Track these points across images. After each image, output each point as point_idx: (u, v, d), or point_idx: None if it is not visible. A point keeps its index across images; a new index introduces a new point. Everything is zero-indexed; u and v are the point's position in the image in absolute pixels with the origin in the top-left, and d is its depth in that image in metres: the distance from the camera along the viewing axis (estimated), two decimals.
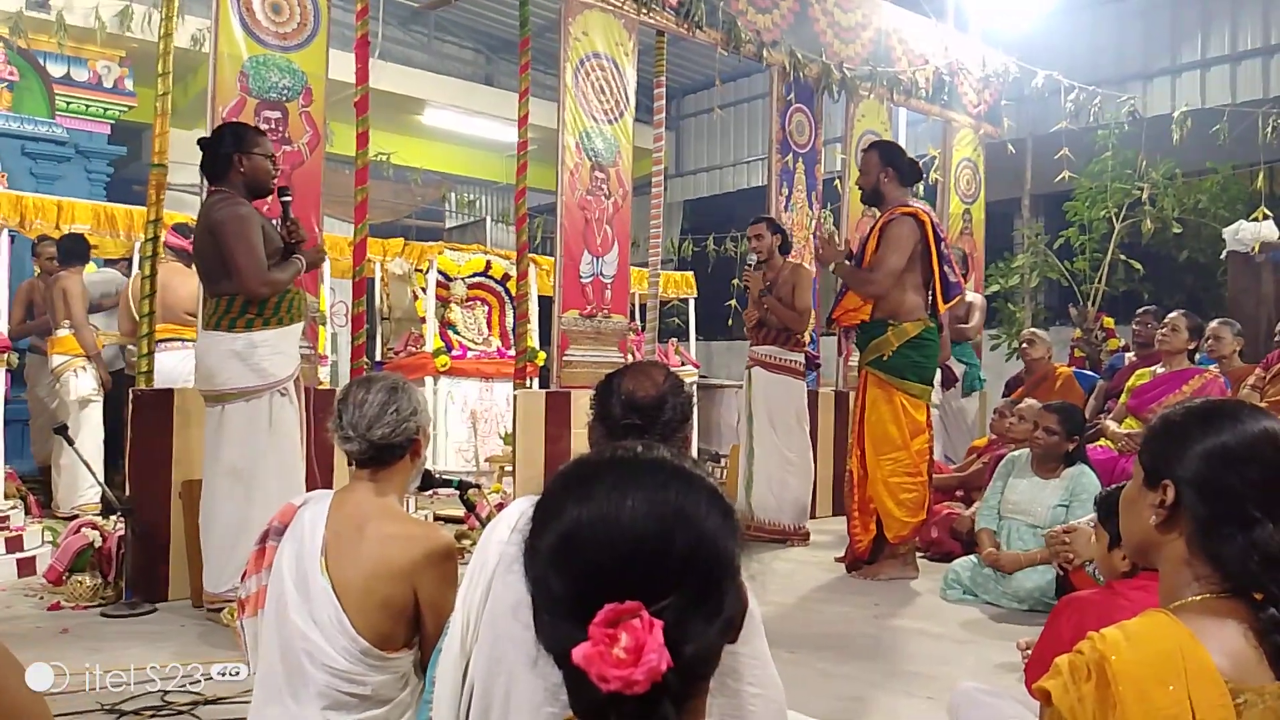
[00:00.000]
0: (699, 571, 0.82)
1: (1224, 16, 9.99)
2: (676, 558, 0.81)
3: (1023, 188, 9.48)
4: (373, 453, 2.08)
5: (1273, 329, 6.03)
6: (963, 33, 8.38)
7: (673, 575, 0.81)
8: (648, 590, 0.79)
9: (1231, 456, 1.29)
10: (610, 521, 0.82)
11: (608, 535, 0.82)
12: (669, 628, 0.77)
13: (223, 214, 3.64)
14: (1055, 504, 4.32)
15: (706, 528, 0.83)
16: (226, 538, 3.65)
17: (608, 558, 0.81)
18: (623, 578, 0.80)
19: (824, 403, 6.81)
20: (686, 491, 0.85)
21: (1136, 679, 1.17)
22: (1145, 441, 1.38)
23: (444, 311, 8.05)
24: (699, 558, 0.82)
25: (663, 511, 0.83)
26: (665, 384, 1.91)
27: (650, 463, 0.89)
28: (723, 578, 0.83)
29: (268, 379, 3.71)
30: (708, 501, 0.85)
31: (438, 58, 12.56)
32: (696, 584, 0.81)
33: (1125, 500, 1.40)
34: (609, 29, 5.80)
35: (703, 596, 0.81)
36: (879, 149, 4.98)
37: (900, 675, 3.39)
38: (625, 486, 0.84)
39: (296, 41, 4.65)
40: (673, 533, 0.82)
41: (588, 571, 0.81)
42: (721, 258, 12.19)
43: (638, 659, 0.75)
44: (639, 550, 0.81)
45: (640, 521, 0.82)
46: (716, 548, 0.83)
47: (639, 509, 0.82)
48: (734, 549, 0.86)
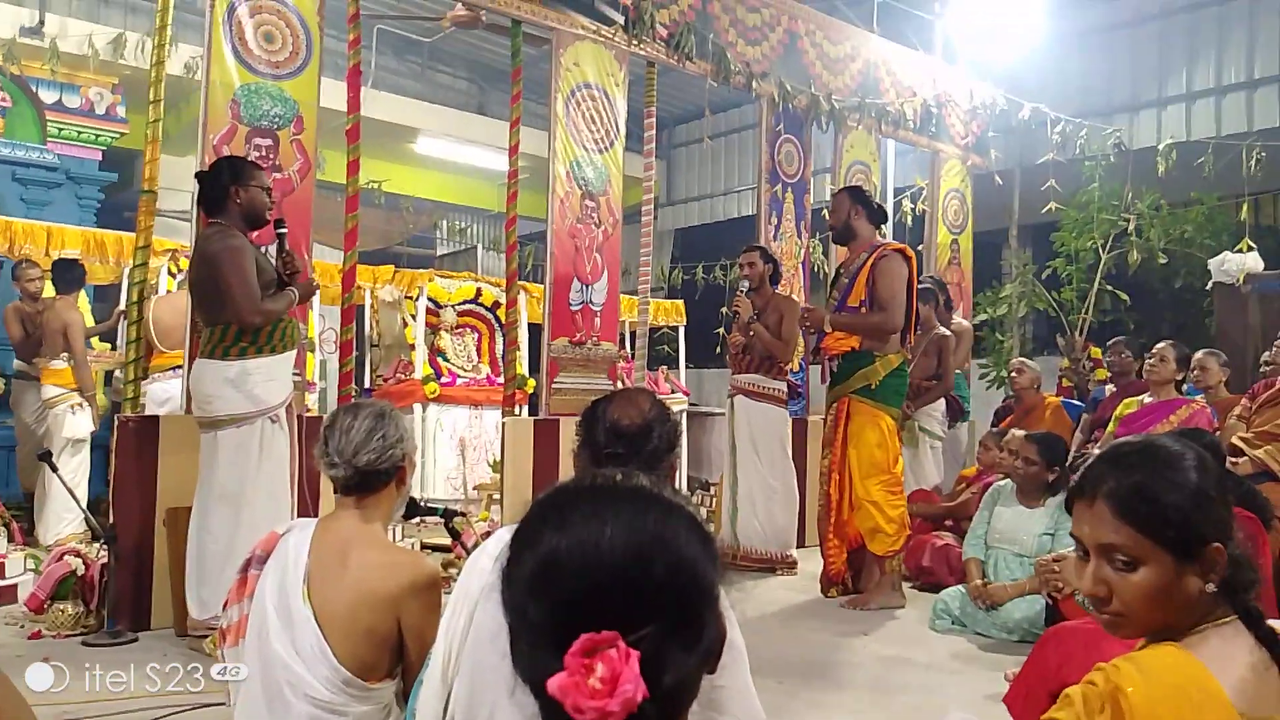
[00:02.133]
0: (678, 600, 0.81)
1: (1209, 50, 10.12)
2: (654, 587, 0.80)
3: (1010, 218, 9.55)
4: (358, 479, 2.08)
5: (1259, 359, 6.07)
6: (950, 65, 8.48)
7: (651, 604, 0.79)
8: (625, 619, 0.78)
9: (1213, 492, 1.30)
10: (588, 549, 0.81)
11: (584, 563, 0.81)
12: (646, 658, 0.77)
13: (218, 246, 3.71)
14: (1041, 533, 4.34)
15: (685, 555, 0.82)
16: (215, 563, 3.66)
17: (584, 586, 0.80)
18: (600, 607, 0.79)
19: (813, 431, 6.81)
20: (665, 519, 0.84)
21: (1153, 713, 1.16)
22: (1166, 524, 1.27)
23: (434, 338, 8.05)
24: (677, 586, 0.81)
25: (641, 539, 0.82)
26: (651, 412, 1.91)
27: (628, 491, 0.88)
28: (702, 607, 0.83)
29: (260, 405, 3.74)
30: (686, 529, 0.84)
31: (431, 87, 12.63)
32: (675, 613, 0.80)
33: (1153, 592, 1.27)
34: (600, 60, 5.85)
35: (681, 626, 0.80)
36: (849, 191, 5.26)
37: (888, 706, 3.37)
38: (603, 514, 0.83)
39: (289, 70, 4.68)
40: (651, 561, 0.81)
41: (564, 600, 0.80)
42: (711, 286, 12.22)
43: (613, 689, 0.74)
44: (616, 579, 0.80)
45: (618, 550, 0.81)
46: (695, 576, 0.82)
47: (617, 537, 0.81)
48: (714, 578, 0.85)
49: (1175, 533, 1.26)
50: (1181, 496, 1.27)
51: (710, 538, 0.88)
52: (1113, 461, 1.32)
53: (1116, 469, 1.30)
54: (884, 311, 4.87)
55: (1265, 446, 4.51)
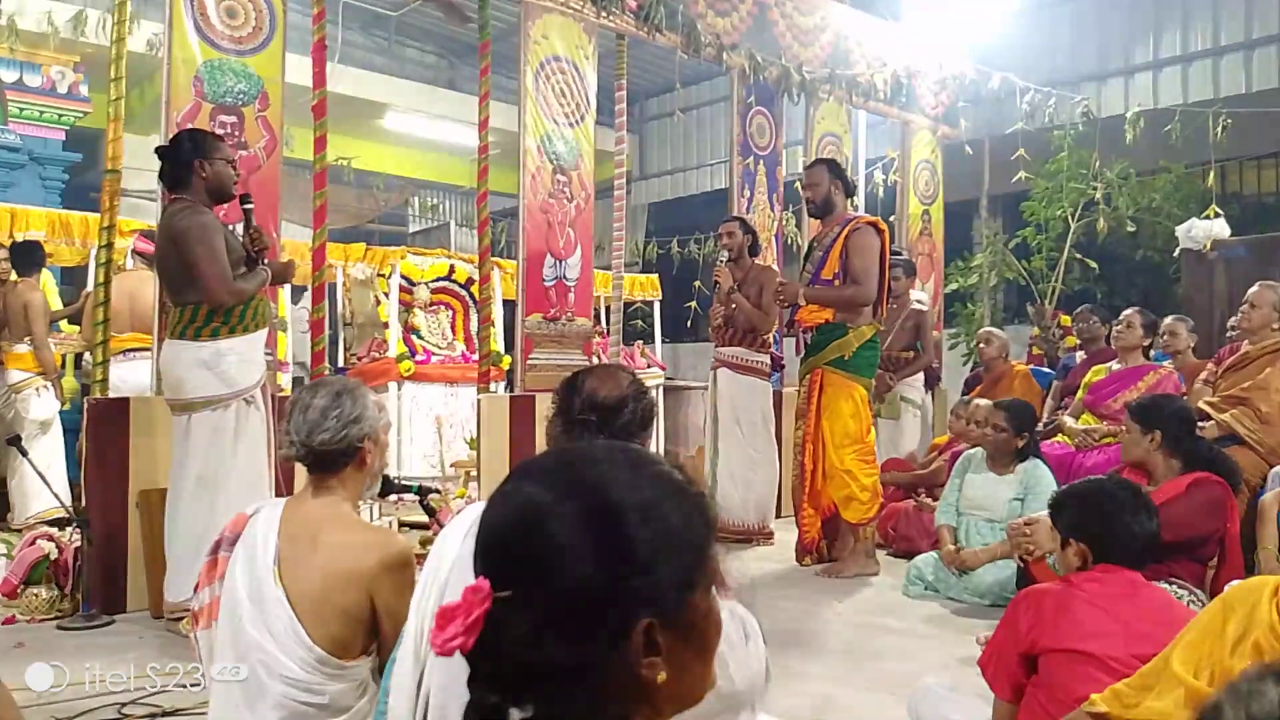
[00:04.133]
0: (544, 576, 0.83)
1: (1175, 19, 10.18)
2: (527, 554, 0.84)
3: (980, 188, 9.59)
4: (313, 459, 2.04)
5: (1225, 325, 6.15)
6: (919, 35, 8.47)
7: (519, 570, 0.84)
8: (499, 576, 0.84)
9: None
10: (500, 502, 0.90)
11: (492, 514, 0.89)
12: (494, 617, 0.82)
13: (185, 222, 3.61)
14: (1011, 498, 4.42)
15: (567, 539, 0.83)
16: (191, 546, 3.60)
17: (484, 536, 0.89)
18: (489, 557, 0.87)
19: (789, 403, 6.85)
20: (579, 499, 0.85)
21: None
22: None
23: (407, 316, 8.00)
24: (548, 563, 0.83)
25: (535, 510, 0.86)
26: (629, 388, 1.93)
27: (587, 458, 0.90)
28: (565, 594, 0.82)
29: (235, 387, 3.68)
30: (591, 518, 0.84)
31: (399, 61, 12.49)
32: (538, 587, 0.83)
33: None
34: (569, 32, 5.80)
35: (541, 601, 0.82)
36: (827, 164, 5.26)
37: (864, 672, 3.42)
38: (534, 476, 0.89)
39: (252, 46, 4.61)
40: (532, 530, 0.85)
41: (478, 544, 0.89)
42: (686, 260, 12.22)
43: (446, 626, 0.82)
44: (499, 536, 0.87)
45: (511, 508, 0.88)
46: (562, 565, 0.82)
47: (513, 503, 0.88)
48: (594, 573, 0.82)
49: None
50: None
51: (661, 517, 0.86)
52: None
53: None
54: (857, 284, 4.90)
55: (1231, 410, 4.57)
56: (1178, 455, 3.56)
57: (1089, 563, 2.23)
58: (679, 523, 0.87)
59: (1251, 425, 4.51)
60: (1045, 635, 2.09)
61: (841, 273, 4.94)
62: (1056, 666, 2.04)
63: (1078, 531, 2.26)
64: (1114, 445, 4.70)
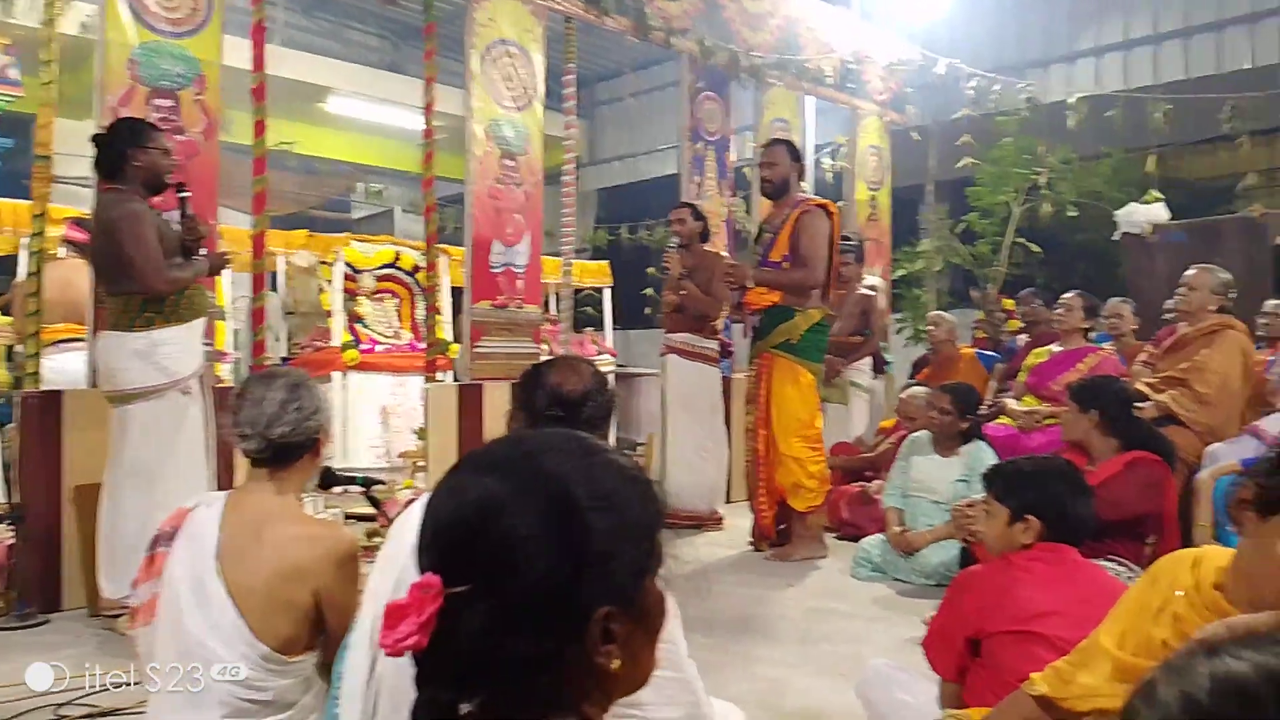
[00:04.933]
0: (503, 571, 0.81)
1: (1117, 6, 10.37)
2: (485, 548, 0.82)
3: (927, 174, 9.69)
4: (272, 452, 2.02)
5: (1165, 307, 6.28)
6: (868, 21, 8.52)
7: (476, 564, 0.82)
8: (453, 571, 0.81)
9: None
10: (450, 495, 0.86)
11: (442, 508, 0.86)
12: (448, 612, 0.80)
13: (117, 212, 3.56)
14: (956, 479, 4.49)
15: (526, 532, 0.82)
16: (129, 541, 3.53)
17: (434, 529, 0.85)
18: (439, 551, 0.84)
19: (737, 389, 6.87)
20: (536, 491, 0.84)
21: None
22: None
23: (352, 305, 7.89)
24: (507, 558, 0.82)
25: (496, 495, 0.83)
26: (592, 381, 1.94)
27: (539, 448, 0.89)
28: (526, 588, 0.81)
29: (172, 377, 3.63)
30: (549, 511, 0.83)
31: (343, 44, 12.28)
32: (498, 581, 0.81)
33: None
34: (516, 15, 5.73)
35: (499, 595, 0.81)
36: (786, 144, 5.21)
37: (814, 654, 3.45)
38: (485, 467, 0.87)
39: (189, 28, 4.49)
40: (495, 521, 0.82)
41: (424, 537, 0.86)
42: (637, 246, 12.19)
43: (396, 625, 0.79)
44: (453, 531, 0.84)
45: (467, 503, 0.84)
46: (525, 558, 0.81)
47: (474, 488, 0.85)
48: (555, 566, 0.82)
49: None
50: None
51: (615, 505, 0.86)
52: None
53: None
54: (804, 268, 4.89)
55: (1169, 391, 4.67)
56: (1116, 434, 3.64)
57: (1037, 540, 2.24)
58: (634, 510, 0.88)
59: (1189, 405, 4.62)
60: (990, 618, 2.10)
61: (791, 255, 4.92)
62: (1001, 648, 2.05)
63: (1033, 509, 2.23)
64: (1056, 426, 4.78)
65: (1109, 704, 1.35)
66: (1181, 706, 0.53)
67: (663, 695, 1.67)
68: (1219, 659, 0.54)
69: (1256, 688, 0.52)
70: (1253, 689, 0.52)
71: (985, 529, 2.36)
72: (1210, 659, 0.54)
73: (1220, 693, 0.52)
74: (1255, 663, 0.53)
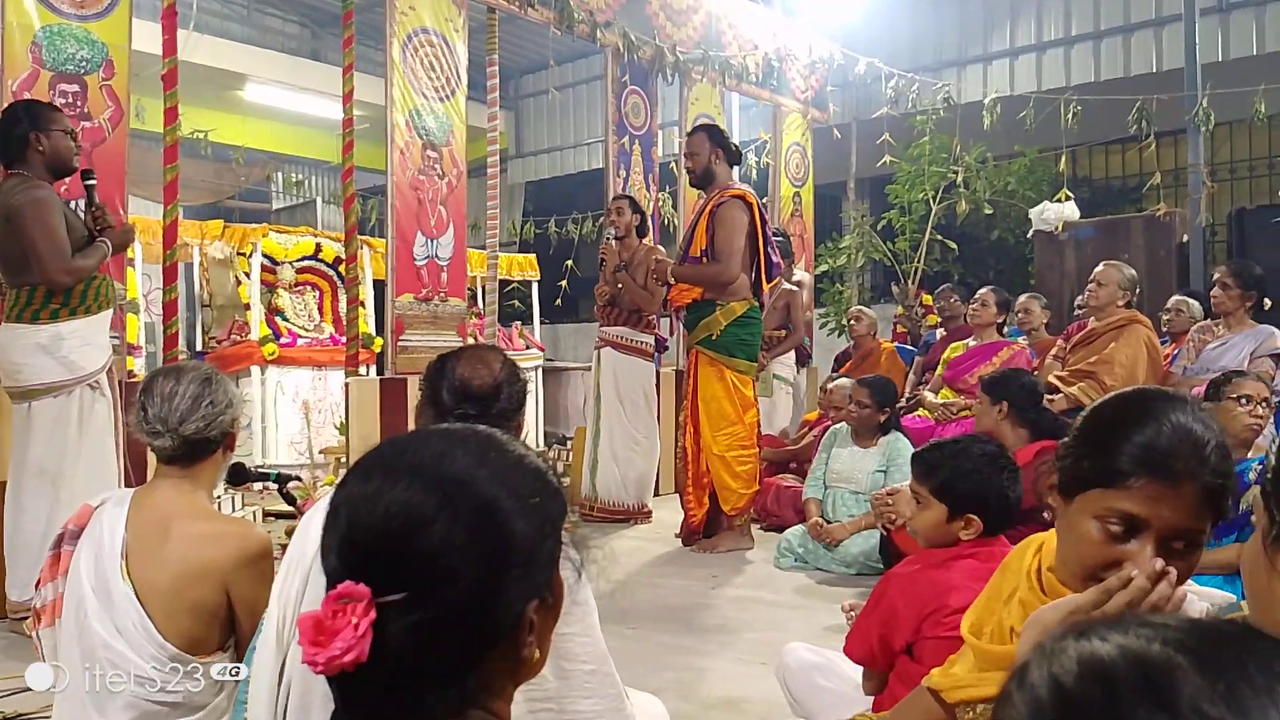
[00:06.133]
0: (444, 578, 0.80)
1: (1030, 9, 10.68)
2: (413, 556, 0.80)
3: (848, 171, 9.86)
4: (185, 449, 1.96)
5: (1075, 303, 6.50)
6: (790, 19, 8.61)
7: (406, 572, 0.80)
8: (383, 579, 0.79)
9: None
10: (369, 501, 0.83)
11: (362, 515, 0.83)
12: (384, 623, 0.77)
13: (20, 199, 3.39)
14: (874, 470, 4.59)
15: (455, 540, 0.81)
16: (34, 541, 3.41)
17: (356, 536, 0.82)
18: (364, 559, 0.81)
19: (665, 382, 6.91)
20: (459, 499, 0.83)
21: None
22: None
23: (271, 297, 7.71)
24: (448, 564, 0.80)
25: (420, 506, 0.81)
26: (501, 372, 1.88)
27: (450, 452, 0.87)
28: (478, 594, 0.81)
29: (77, 372, 3.49)
30: (474, 518, 0.83)
31: (260, 31, 11.97)
32: (438, 589, 0.80)
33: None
34: (437, 4, 5.65)
35: (433, 604, 0.80)
36: (706, 131, 5.11)
37: (736, 643, 3.49)
38: (401, 474, 0.84)
39: (95, 10, 4.33)
40: (416, 530, 0.81)
41: (340, 546, 0.83)
42: (564, 240, 12.14)
43: (330, 642, 0.76)
44: (379, 538, 0.81)
45: (394, 509, 0.82)
46: (455, 567, 0.81)
47: (399, 496, 0.82)
48: (506, 568, 0.83)
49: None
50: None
51: (533, 506, 0.87)
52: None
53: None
54: (718, 263, 4.79)
55: (1078, 384, 4.84)
56: (1025, 425, 3.76)
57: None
58: (549, 506, 0.88)
59: (1097, 397, 4.76)
60: (928, 624, 2.03)
61: (709, 249, 4.86)
62: (934, 650, 1.96)
63: (975, 507, 2.13)
64: (971, 418, 4.92)
65: (974, 693, 1.38)
66: (1049, 688, 0.53)
67: (583, 689, 1.67)
68: (1087, 640, 0.55)
69: (1119, 669, 0.52)
70: (1115, 671, 0.52)
71: (917, 520, 2.24)
72: (1079, 640, 0.55)
73: (1084, 675, 0.53)
74: (1119, 644, 0.53)
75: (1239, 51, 9.62)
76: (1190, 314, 5.60)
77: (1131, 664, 0.52)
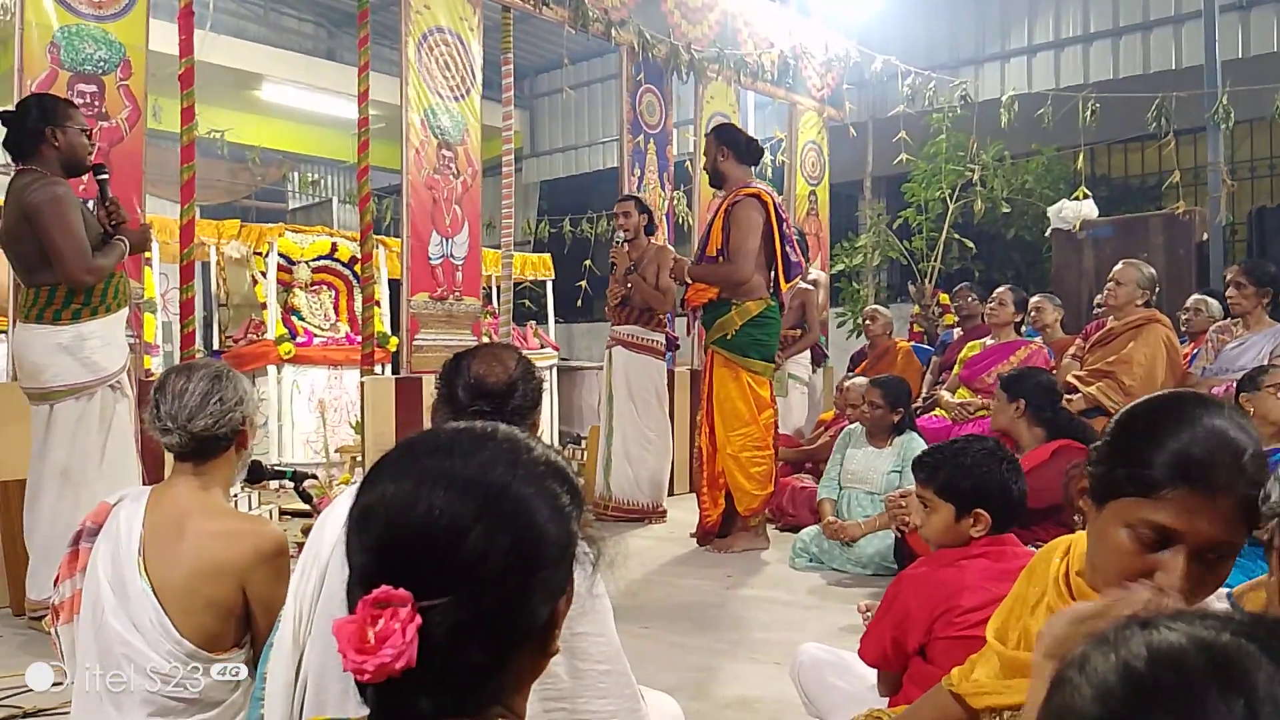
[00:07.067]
0: (485, 581, 0.80)
1: (1048, 6, 10.62)
2: (461, 559, 0.80)
3: (864, 170, 9.82)
4: (194, 445, 1.97)
5: (1093, 301, 6.45)
6: (805, 17, 8.58)
7: (453, 575, 0.79)
8: (425, 584, 0.78)
9: None
10: (408, 505, 0.81)
11: (402, 518, 0.81)
12: (431, 628, 0.77)
13: (38, 196, 3.32)
14: (889, 470, 4.57)
15: (497, 545, 0.81)
16: (53, 542, 3.39)
17: (395, 540, 0.81)
18: (403, 563, 0.79)
19: (680, 381, 6.90)
20: (509, 489, 0.84)
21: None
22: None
23: (287, 297, 7.74)
24: (489, 568, 0.80)
25: (465, 507, 0.81)
26: (516, 369, 1.87)
27: (482, 450, 0.87)
28: (521, 591, 0.82)
29: (99, 373, 3.45)
30: (512, 522, 0.83)
31: (276, 31, 12.03)
32: (480, 591, 0.80)
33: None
34: (452, 3, 5.67)
35: (485, 605, 0.80)
36: (715, 131, 5.13)
37: (749, 643, 3.48)
38: (438, 477, 0.83)
39: (113, 11, 4.36)
40: (465, 532, 0.80)
41: (377, 548, 0.81)
42: (579, 239, 12.15)
43: (378, 649, 0.74)
44: (422, 540, 0.80)
45: (437, 511, 0.81)
46: (520, 559, 0.82)
47: (439, 501, 0.81)
48: (550, 556, 0.85)
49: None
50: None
51: (561, 506, 0.87)
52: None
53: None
54: (731, 263, 4.76)
55: (1097, 383, 4.80)
56: (1041, 424, 3.74)
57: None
58: (569, 506, 0.89)
59: (1116, 397, 4.74)
60: (936, 625, 2.03)
61: (724, 248, 4.82)
62: (946, 651, 1.98)
63: (982, 501, 2.15)
64: (988, 418, 4.89)
65: (1000, 700, 1.37)
66: (1119, 674, 0.55)
67: (597, 689, 1.66)
68: (1155, 630, 0.57)
69: (1190, 656, 0.54)
70: (1186, 657, 0.54)
71: (927, 526, 2.25)
72: (1145, 630, 0.57)
73: (1155, 660, 0.55)
74: (1188, 632, 0.56)
75: (1259, 48, 9.54)
76: (1209, 313, 5.55)
77: (1203, 651, 0.54)
